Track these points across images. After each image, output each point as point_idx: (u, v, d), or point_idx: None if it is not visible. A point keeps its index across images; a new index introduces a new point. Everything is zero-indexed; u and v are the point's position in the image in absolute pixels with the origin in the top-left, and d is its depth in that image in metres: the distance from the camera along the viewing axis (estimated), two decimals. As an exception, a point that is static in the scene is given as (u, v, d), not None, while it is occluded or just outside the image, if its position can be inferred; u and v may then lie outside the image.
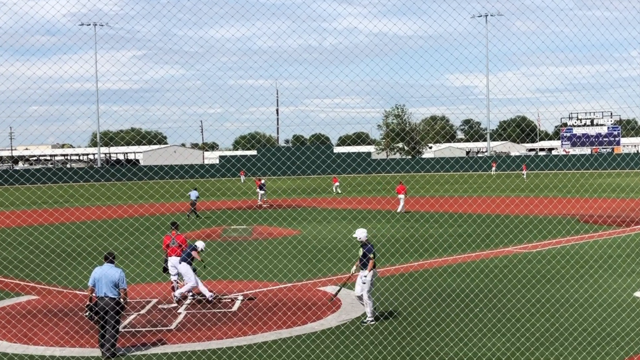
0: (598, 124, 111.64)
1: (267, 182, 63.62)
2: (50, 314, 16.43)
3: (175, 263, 17.63)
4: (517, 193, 52.13)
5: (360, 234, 15.28)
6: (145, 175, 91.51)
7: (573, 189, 50.48)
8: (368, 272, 14.94)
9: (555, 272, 20.29)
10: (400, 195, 40.29)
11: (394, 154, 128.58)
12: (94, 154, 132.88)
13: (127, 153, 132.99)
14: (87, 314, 13.28)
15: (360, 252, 15.19)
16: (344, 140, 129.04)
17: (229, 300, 17.53)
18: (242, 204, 49.89)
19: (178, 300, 17.26)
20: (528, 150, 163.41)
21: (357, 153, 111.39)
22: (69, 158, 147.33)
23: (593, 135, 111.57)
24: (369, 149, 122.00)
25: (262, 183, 49.48)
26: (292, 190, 65.37)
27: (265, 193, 50.48)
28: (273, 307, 16.67)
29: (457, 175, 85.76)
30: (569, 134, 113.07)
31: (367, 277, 14.97)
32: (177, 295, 17.28)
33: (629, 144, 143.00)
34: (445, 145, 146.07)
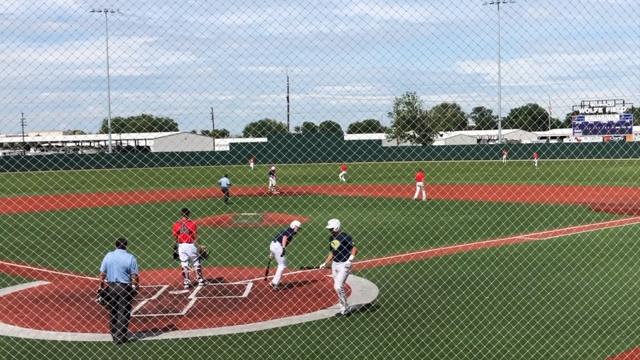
0: (610, 112, 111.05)
1: (277, 169, 63.64)
2: (62, 299, 16.55)
3: (186, 249, 17.67)
4: (528, 181, 51.96)
5: (335, 225, 14.88)
6: (156, 162, 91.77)
7: (584, 177, 50.26)
8: (353, 256, 14.59)
9: (566, 260, 20.24)
10: (420, 183, 39.99)
11: (405, 142, 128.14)
12: (105, 141, 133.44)
13: (138, 140, 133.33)
14: (98, 300, 13.37)
15: (336, 244, 14.67)
16: (355, 128, 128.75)
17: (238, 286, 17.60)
18: (252, 191, 49.99)
19: (275, 289, 17.00)
20: (539, 138, 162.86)
21: (367, 140, 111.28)
22: (81, 144, 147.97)
23: (605, 124, 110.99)
24: (380, 137, 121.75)
25: (272, 170, 49.56)
26: (302, 178, 65.42)
27: (276, 180, 50.55)
28: (283, 293, 16.73)
29: (468, 163, 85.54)
30: (581, 122, 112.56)
31: (349, 266, 14.66)
32: (275, 284, 17.12)
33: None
34: (456, 133, 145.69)
